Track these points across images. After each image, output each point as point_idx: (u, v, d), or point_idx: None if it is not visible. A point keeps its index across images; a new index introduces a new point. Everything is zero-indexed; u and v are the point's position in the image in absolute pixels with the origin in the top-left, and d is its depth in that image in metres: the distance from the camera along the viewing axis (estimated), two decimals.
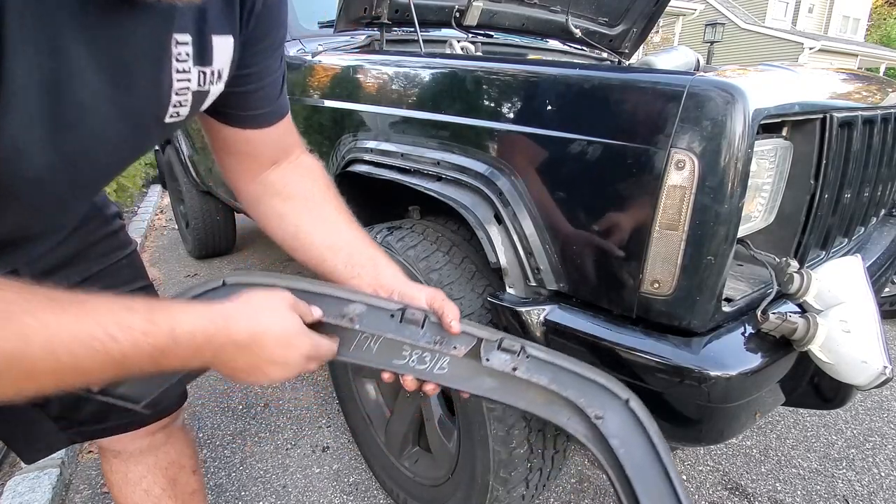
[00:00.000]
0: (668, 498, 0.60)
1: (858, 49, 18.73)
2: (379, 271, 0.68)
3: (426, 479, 1.28)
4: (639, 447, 0.61)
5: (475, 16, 1.72)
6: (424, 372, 0.63)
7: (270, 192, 0.71)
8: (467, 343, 0.63)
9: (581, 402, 0.63)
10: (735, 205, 0.73)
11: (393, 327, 0.62)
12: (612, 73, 0.88)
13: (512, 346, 0.62)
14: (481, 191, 0.96)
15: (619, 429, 0.62)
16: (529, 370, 0.63)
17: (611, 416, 0.62)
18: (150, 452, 0.87)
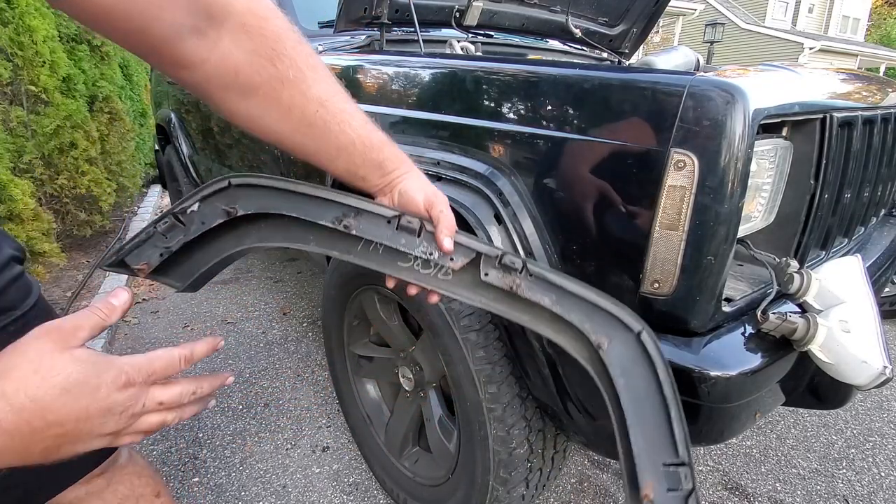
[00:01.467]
0: (663, 437, 0.57)
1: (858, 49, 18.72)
2: (384, 173, 0.62)
3: (426, 479, 1.28)
4: (641, 381, 0.58)
5: (475, 16, 1.72)
6: (428, 278, 0.61)
7: (216, 86, 0.53)
8: (465, 256, 0.60)
9: (585, 327, 0.59)
10: (735, 205, 0.73)
11: (389, 234, 0.60)
12: (612, 73, 0.88)
13: (513, 262, 0.59)
14: (481, 191, 0.96)
15: (623, 359, 0.58)
16: (531, 289, 0.60)
17: (615, 346, 0.59)
18: (93, 497, 0.76)
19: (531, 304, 0.61)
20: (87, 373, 0.40)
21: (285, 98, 0.56)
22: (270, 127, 0.58)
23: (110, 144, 3.45)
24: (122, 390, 0.41)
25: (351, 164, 0.62)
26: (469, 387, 1.00)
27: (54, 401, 0.38)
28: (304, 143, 0.60)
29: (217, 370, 2.06)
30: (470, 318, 1.00)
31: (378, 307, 1.28)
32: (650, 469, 0.57)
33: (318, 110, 0.58)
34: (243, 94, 0.55)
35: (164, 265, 0.57)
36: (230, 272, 3.08)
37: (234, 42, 0.52)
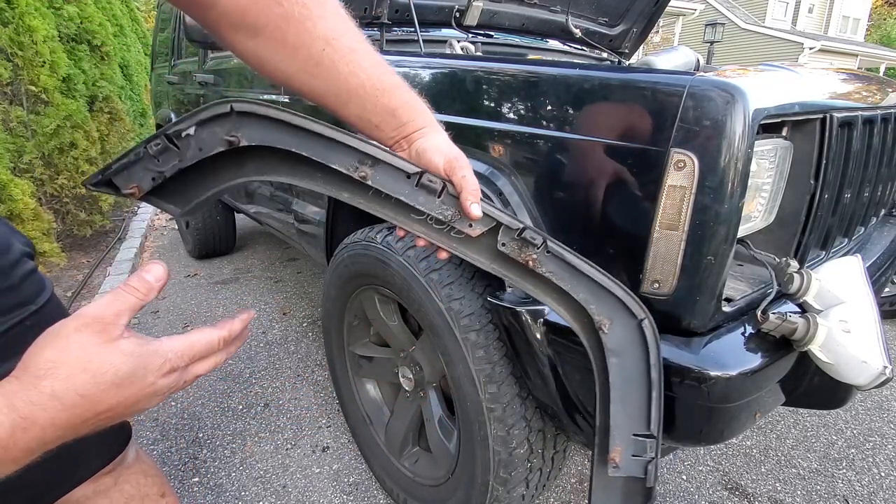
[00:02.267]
0: (639, 413, 0.62)
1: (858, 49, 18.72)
2: (401, 124, 0.59)
3: (426, 479, 1.28)
4: (633, 364, 0.62)
5: (475, 16, 1.72)
6: (441, 234, 0.60)
7: (226, 24, 0.54)
8: (485, 224, 0.59)
9: (591, 307, 0.61)
10: (735, 205, 0.73)
11: (408, 191, 0.57)
12: (612, 73, 0.88)
13: (534, 238, 0.59)
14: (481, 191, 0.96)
15: (620, 342, 0.61)
16: (545, 265, 0.60)
17: (616, 328, 0.61)
18: (100, 496, 0.77)
19: (541, 276, 0.61)
20: (135, 365, 0.41)
21: (291, 37, 0.54)
22: (278, 66, 0.56)
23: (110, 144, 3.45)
24: (167, 376, 0.43)
25: (363, 110, 0.58)
26: (469, 387, 1.00)
27: (105, 394, 0.40)
28: (311, 83, 0.57)
29: (218, 370, 2.06)
30: (470, 318, 1.00)
31: (378, 307, 1.28)
32: (620, 437, 0.63)
33: (325, 49, 0.55)
34: (251, 34, 0.54)
35: (156, 189, 0.53)
36: (230, 272, 3.08)
37: None
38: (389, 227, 1.20)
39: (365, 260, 1.21)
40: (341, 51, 0.56)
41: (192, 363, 0.46)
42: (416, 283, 1.05)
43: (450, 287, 1.02)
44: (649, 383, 0.61)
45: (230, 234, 3.24)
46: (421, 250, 1.09)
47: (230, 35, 0.55)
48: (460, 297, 1.01)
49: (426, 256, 1.07)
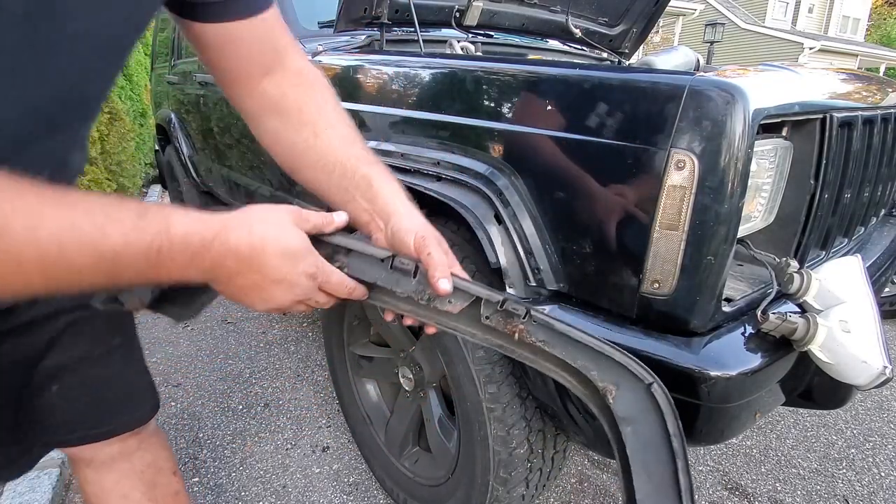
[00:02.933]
0: (667, 488, 0.55)
1: (858, 49, 18.72)
2: (374, 196, 0.62)
3: (426, 479, 1.28)
4: (649, 429, 0.56)
5: (475, 16, 1.72)
6: (428, 310, 0.58)
7: (265, 107, 0.65)
8: (464, 300, 0.57)
9: (592, 374, 0.57)
10: (735, 205, 0.73)
11: (384, 275, 0.57)
12: (612, 73, 0.89)
13: (515, 309, 0.56)
14: (481, 191, 0.96)
15: (630, 407, 0.57)
16: (535, 335, 0.57)
17: (623, 393, 0.57)
18: (122, 459, 0.83)
19: (535, 346, 0.59)
20: (301, 249, 0.51)
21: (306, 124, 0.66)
22: (287, 140, 0.67)
23: (110, 144, 3.45)
24: (308, 278, 0.52)
25: (342, 188, 0.65)
26: (469, 387, 1.00)
27: (273, 256, 0.49)
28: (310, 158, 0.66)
29: (216, 370, 2.06)
30: None
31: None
32: None
33: (328, 130, 0.66)
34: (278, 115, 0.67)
35: (159, 298, 0.56)
36: None
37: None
38: None
39: None
40: (338, 136, 0.66)
41: (322, 286, 0.54)
42: None
43: None
44: (672, 452, 0.55)
45: None
46: None
47: (263, 116, 0.67)
48: None
49: None
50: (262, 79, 0.65)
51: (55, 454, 1.47)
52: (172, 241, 0.44)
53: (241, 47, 0.62)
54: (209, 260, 0.47)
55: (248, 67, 0.64)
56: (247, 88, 0.65)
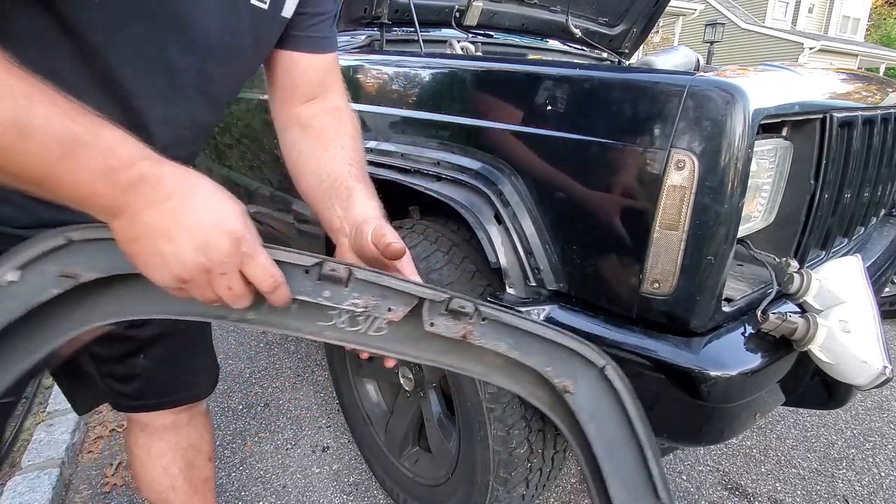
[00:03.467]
0: (641, 483, 0.53)
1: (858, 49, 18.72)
2: (350, 205, 0.64)
3: (426, 479, 1.28)
4: (612, 423, 0.54)
5: (475, 16, 1.72)
6: (357, 336, 0.52)
7: (293, 123, 0.73)
8: (406, 303, 0.51)
9: (548, 371, 0.54)
10: (735, 205, 0.73)
11: (309, 287, 0.49)
12: (612, 73, 0.89)
13: (463, 307, 0.51)
14: (481, 191, 0.96)
15: (591, 402, 0.54)
16: (485, 335, 0.53)
17: (582, 388, 0.54)
18: (172, 430, 0.91)
19: (483, 353, 0.54)
20: (236, 211, 0.45)
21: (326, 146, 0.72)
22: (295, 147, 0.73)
23: None
24: (231, 243, 0.44)
25: (320, 202, 0.68)
26: (469, 387, 1.00)
27: (201, 198, 0.44)
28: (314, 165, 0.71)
29: None
30: None
31: None
32: None
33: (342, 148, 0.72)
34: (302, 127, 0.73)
35: None
36: None
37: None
38: None
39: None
40: (343, 155, 0.70)
41: (244, 263, 0.45)
42: None
43: (450, 287, 1.02)
44: (638, 443, 0.53)
45: None
46: (422, 250, 1.09)
47: (290, 128, 0.73)
48: None
49: (426, 257, 1.07)
50: (301, 103, 0.73)
51: (55, 454, 1.48)
52: (98, 141, 0.40)
53: (297, 74, 0.72)
54: (127, 178, 0.41)
55: (295, 91, 0.73)
56: (287, 106, 0.74)
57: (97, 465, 1.55)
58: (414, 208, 1.30)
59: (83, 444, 1.63)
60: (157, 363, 0.82)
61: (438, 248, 1.10)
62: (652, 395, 0.82)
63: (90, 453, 1.60)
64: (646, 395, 0.82)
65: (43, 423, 1.62)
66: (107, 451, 1.60)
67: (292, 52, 0.71)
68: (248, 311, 0.49)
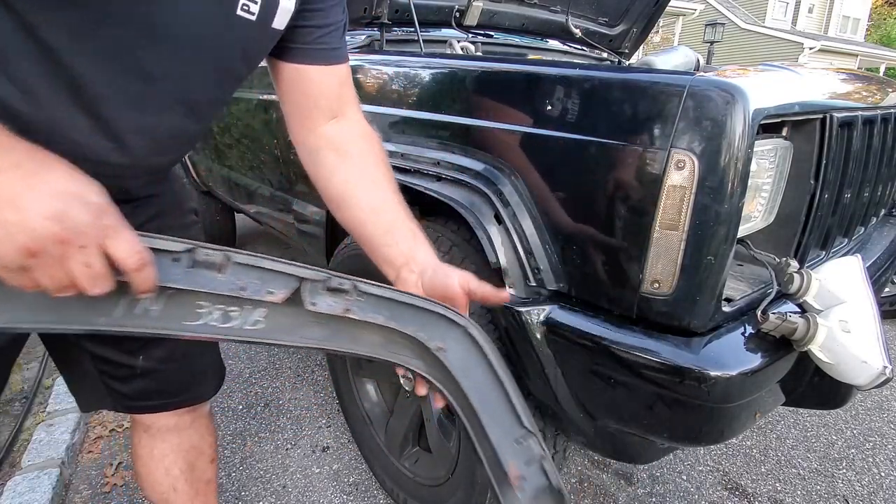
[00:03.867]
0: (509, 418, 0.59)
1: (858, 49, 18.72)
2: (416, 245, 0.67)
3: (426, 479, 1.28)
4: (480, 373, 0.59)
5: (475, 16, 1.72)
6: (232, 331, 0.51)
7: (327, 146, 0.73)
8: (286, 286, 0.51)
9: (422, 336, 0.58)
10: (735, 205, 0.73)
11: (180, 275, 0.46)
12: (612, 73, 0.88)
13: (342, 284, 0.54)
14: (481, 191, 0.96)
15: (461, 358, 0.59)
16: (364, 309, 0.55)
17: (452, 346, 0.58)
18: (175, 432, 0.91)
19: (362, 333, 0.57)
20: (95, 185, 0.41)
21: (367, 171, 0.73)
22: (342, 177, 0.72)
23: None
24: (91, 212, 0.39)
25: (379, 237, 0.71)
26: None
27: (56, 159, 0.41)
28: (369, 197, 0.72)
29: None
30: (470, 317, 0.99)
31: None
32: (509, 451, 0.59)
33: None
34: (341, 155, 0.73)
35: None
36: None
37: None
38: None
39: (365, 260, 1.21)
40: (392, 190, 0.73)
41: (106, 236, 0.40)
42: None
43: None
44: (500, 383, 0.59)
45: (230, 233, 3.23)
46: None
47: (324, 153, 0.73)
48: None
49: None
50: (325, 121, 0.73)
51: (55, 454, 1.48)
52: None
53: (310, 88, 0.71)
54: None
55: (314, 107, 0.73)
56: (309, 124, 0.73)
57: (97, 465, 1.55)
58: (413, 208, 1.30)
59: (83, 444, 1.63)
60: (157, 364, 0.81)
61: (438, 248, 1.10)
62: (652, 395, 0.82)
63: (90, 453, 1.60)
64: (646, 395, 0.82)
65: (43, 423, 1.62)
66: (107, 451, 1.61)
67: (301, 64, 0.70)
68: (101, 314, 0.45)
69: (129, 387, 0.82)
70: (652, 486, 1.49)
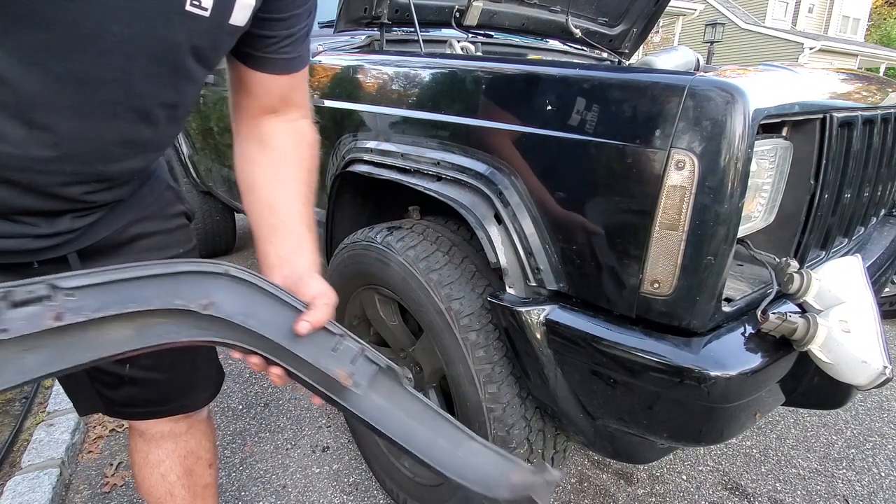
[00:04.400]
0: (322, 338, 0.59)
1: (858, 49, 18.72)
2: (298, 253, 0.67)
3: (426, 480, 1.28)
4: (265, 310, 0.57)
5: (475, 16, 1.72)
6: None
7: (254, 136, 0.73)
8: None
9: (179, 303, 0.51)
10: (735, 205, 0.73)
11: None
12: (612, 73, 0.88)
13: (32, 292, 0.43)
14: (481, 191, 0.96)
15: (235, 304, 0.55)
16: (82, 308, 0.45)
17: (220, 297, 0.54)
18: (170, 438, 0.90)
19: (100, 330, 0.47)
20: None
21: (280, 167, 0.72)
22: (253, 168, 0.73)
23: None
24: None
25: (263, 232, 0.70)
26: (469, 387, 1.00)
27: None
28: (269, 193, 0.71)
29: None
30: (470, 318, 1.00)
31: (378, 307, 1.28)
32: (331, 362, 0.58)
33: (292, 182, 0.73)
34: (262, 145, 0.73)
35: None
36: None
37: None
38: (389, 228, 1.20)
39: (365, 260, 1.21)
40: (300, 191, 0.72)
41: None
42: (416, 283, 1.05)
43: (449, 287, 1.02)
44: (278, 299, 0.58)
45: (230, 234, 3.23)
46: (422, 250, 1.09)
47: (248, 141, 0.73)
48: (460, 297, 1.01)
49: (426, 256, 1.07)
50: (262, 115, 0.72)
51: (55, 454, 1.47)
52: None
53: (263, 91, 0.71)
54: None
55: (258, 106, 0.72)
56: (246, 114, 0.73)
57: (97, 465, 1.55)
58: (414, 208, 1.30)
59: (83, 444, 1.63)
60: (144, 373, 0.79)
61: (438, 248, 1.10)
62: (652, 395, 0.82)
63: (90, 453, 1.60)
64: (646, 395, 0.82)
65: (43, 423, 1.62)
66: (107, 451, 1.61)
67: (258, 72, 0.68)
68: None
69: (117, 393, 0.81)
70: (652, 486, 1.49)
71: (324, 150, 1.46)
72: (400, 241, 1.12)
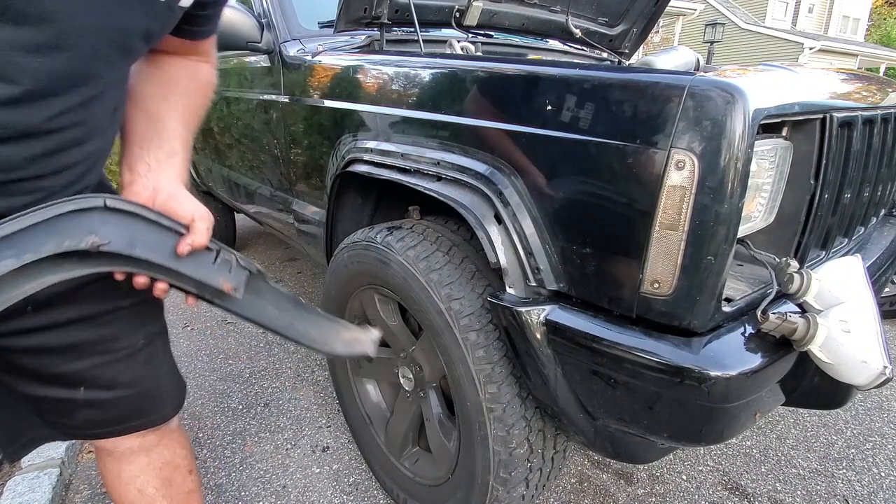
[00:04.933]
0: (202, 253, 0.65)
1: (858, 49, 18.71)
2: (167, 166, 0.69)
3: (426, 479, 1.28)
4: (148, 235, 0.61)
5: (475, 16, 1.72)
6: None
7: (151, 62, 0.74)
8: None
9: (69, 243, 0.52)
10: (735, 205, 0.73)
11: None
12: (612, 73, 0.88)
13: None
14: (481, 191, 0.96)
15: (121, 233, 0.58)
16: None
17: (104, 230, 0.55)
18: (142, 453, 0.86)
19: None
20: None
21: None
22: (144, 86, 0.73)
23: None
24: None
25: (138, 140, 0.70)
26: (469, 387, 1.00)
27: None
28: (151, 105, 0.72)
29: (216, 370, 2.06)
30: (470, 318, 1.00)
31: (378, 307, 1.28)
32: (215, 273, 0.66)
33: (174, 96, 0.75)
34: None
35: None
36: None
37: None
38: (389, 228, 1.20)
39: (365, 260, 1.21)
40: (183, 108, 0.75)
41: None
42: (416, 283, 1.05)
43: (450, 287, 1.02)
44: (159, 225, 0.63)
45: (230, 233, 3.24)
46: (422, 250, 1.09)
47: (144, 62, 0.73)
48: (460, 297, 1.01)
49: (426, 256, 1.07)
50: (164, 54, 0.75)
51: (55, 454, 1.47)
52: None
53: (171, 47, 0.73)
54: None
55: (161, 52, 0.74)
56: (150, 56, 0.74)
57: (97, 465, 1.55)
58: (414, 208, 1.30)
59: (83, 444, 1.63)
60: (101, 393, 0.75)
61: (438, 248, 1.10)
62: (652, 396, 0.82)
63: (90, 453, 1.60)
64: (646, 395, 0.82)
65: None
66: None
67: (174, 38, 0.71)
68: None
69: (74, 419, 0.77)
70: (652, 486, 1.49)
71: (324, 150, 1.46)
72: (400, 241, 1.12)
